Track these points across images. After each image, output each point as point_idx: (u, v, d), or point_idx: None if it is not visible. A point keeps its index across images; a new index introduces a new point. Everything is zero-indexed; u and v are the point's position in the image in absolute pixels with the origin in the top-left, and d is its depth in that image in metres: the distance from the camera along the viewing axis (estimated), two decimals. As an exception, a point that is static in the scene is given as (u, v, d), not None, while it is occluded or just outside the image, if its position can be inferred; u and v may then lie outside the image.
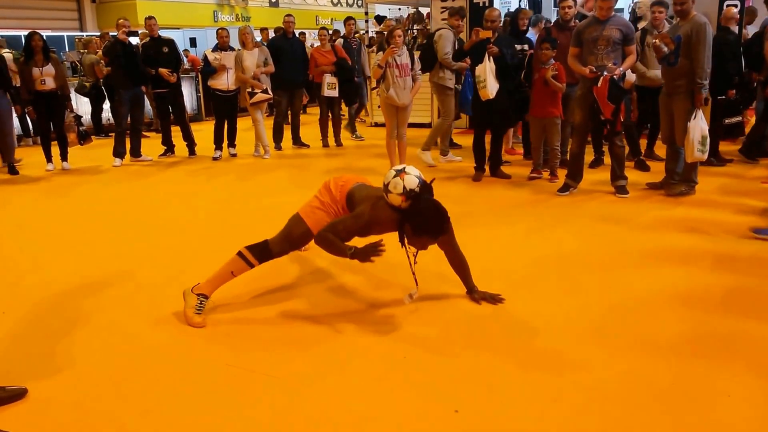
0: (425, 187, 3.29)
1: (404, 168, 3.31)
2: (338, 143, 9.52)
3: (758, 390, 2.66)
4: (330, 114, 9.42)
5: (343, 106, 9.74)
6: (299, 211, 3.61)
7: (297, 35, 9.68)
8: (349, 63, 9.56)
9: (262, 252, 3.52)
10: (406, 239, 3.31)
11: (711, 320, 3.32)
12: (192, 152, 9.00)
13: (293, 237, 3.55)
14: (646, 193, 6.01)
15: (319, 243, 3.37)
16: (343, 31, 10.90)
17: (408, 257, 3.43)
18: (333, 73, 9.06)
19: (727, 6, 7.40)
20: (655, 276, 3.96)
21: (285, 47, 8.97)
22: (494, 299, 3.62)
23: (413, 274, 3.48)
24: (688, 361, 2.91)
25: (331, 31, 11.76)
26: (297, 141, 9.51)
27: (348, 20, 9.93)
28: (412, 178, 3.25)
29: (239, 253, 3.52)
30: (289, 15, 9.19)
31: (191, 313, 3.43)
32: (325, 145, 9.45)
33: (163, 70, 8.42)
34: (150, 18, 8.68)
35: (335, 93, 9.12)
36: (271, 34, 12.32)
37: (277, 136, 9.35)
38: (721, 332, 3.18)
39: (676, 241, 4.60)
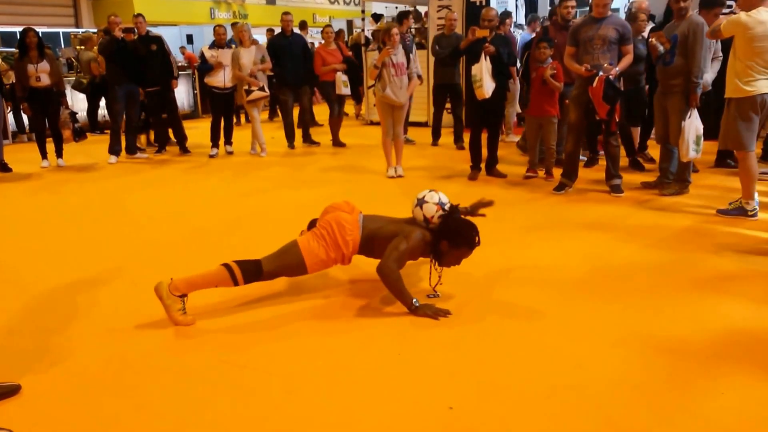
0: (454, 207, 3.58)
1: (433, 189, 3.68)
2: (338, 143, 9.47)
3: (752, 388, 2.66)
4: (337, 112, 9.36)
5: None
6: (298, 241, 3.52)
7: (296, 32, 9.57)
8: (357, 62, 9.54)
9: (254, 274, 3.42)
10: (438, 257, 3.54)
11: (705, 318, 3.33)
12: (183, 148, 8.97)
13: (285, 266, 3.49)
14: (640, 192, 6.03)
15: (384, 279, 3.42)
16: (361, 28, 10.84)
17: (431, 273, 3.66)
18: (344, 71, 9.02)
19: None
20: (648, 274, 3.97)
21: (284, 46, 8.88)
22: (486, 205, 3.91)
23: (433, 288, 3.70)
24: (682, 358, 2.91)
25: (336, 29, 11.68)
26: (307, 138, 9.42)
27: (405, 16, 9.48)
28: (443, 195, 3.62)
29: (228, 267, 3.38)
30: (287, 13, 9.10)
31: (178, 316, 3.34)
32: (336, 143, 9.37)
33: (175, 83, 8.68)
34: (137, 16, 8.70)
35: (348, 91, 9.10)
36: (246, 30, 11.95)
37: (290, 136, 9.25)
38: (716, 330, 3.19)
39: (669, 240, 4.61)
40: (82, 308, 3.66)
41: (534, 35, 9.19)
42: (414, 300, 3.42)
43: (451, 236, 3.45)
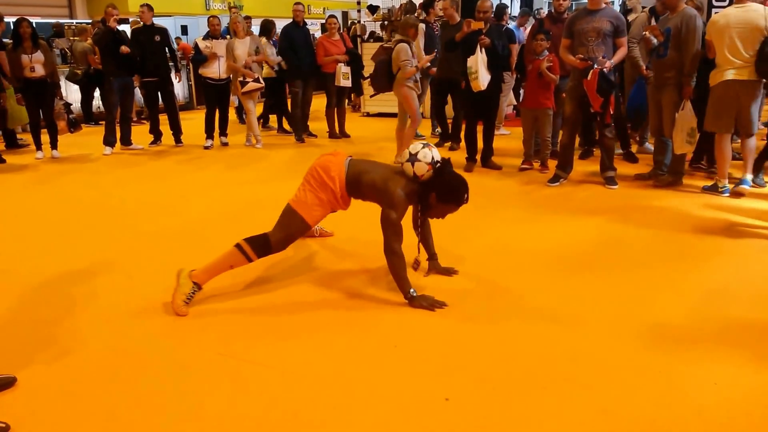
0: (447, 161, 3.52)
1: (428, 143, 3.57)
2: (344, 134, 9.38)
3: (745, 378, 2.70)
4: (337, 104, 9.27)
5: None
6: (290, 202, 3.61)
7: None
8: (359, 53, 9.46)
9: (263, 247, 3.52)
10: (425, 208, 3.55)
11: (701, 308, 3.36)
12: (178, 141, 8.95)
13: (290, 230, 3.57)
14: (634, 184, 6.06)
15: (389, 261, 3.47)
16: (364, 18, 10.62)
17: (417, 230, 3.73)
18: (347, 62, 8.95)
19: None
20: (643, 266, 4.00)
21: (298, 36, 8.75)
22: (449, 272, 3.90)
23: (419, 245, 3.79)
24: (676, 348, 2.94)
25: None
26: (305, 130, 9.33)
27: (431, 5, 9.11)
28: (437, 152, 3.54)
29: (238, 246, 3.51)
30: (298, 3, 8.97)
31: (180, 300, 3.42)
32: (333, 135, 9.32)
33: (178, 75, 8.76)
34: (143, 6, 8.64)
35: (349, 83, 9.02)
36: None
37: (297, 128, 9.13)
38: (711, 320, 3.22)
39: (663, 232, 4.64)
40: (79, 300, 3.67)
41: (522, 30, 9.18)
42: (412, 290, 3.45)
43: (441, 191, 3.44)
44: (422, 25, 8.55)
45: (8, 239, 4.90)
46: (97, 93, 10.92)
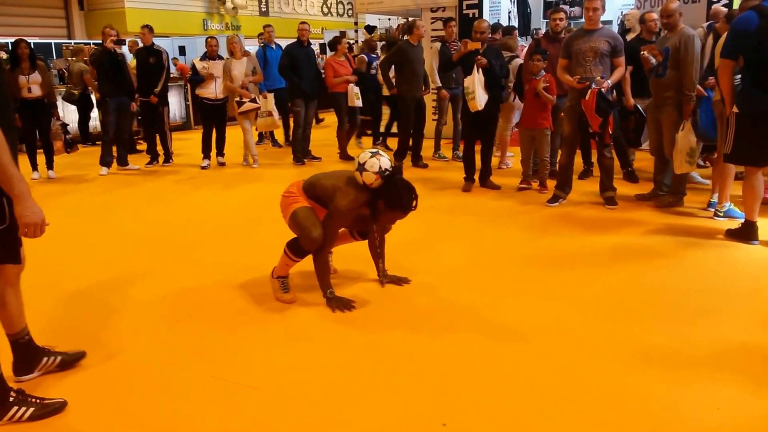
0: (396, 169, 3.64)
1: (378, 151, 3.65)
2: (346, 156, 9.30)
3: (748, 404, 2.64)
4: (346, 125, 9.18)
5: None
6: (287, 220, 3.78)
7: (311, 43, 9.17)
8: (367, 74, 9.48)
9: (297, 249, 3.72)
10: (374, 214, 3.67)
11: (702, 332, 3.31)
12: (167, 160, 8.94)
13: (302, 228, 3.65)
14: (634, 204, 6.02)
15: (316, 263, 3.73)
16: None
17: (374, 240, 3.97)
18: (356, 83, 8.89)
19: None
20: (645, 287, 3.95)
21: (301, 56, 8.63)
22: (400, 281, 4.03)
23: (378, 258, 3.95)
24: (678, 373, 2.89)
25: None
26: (307, 153, 9.08)
27: (449, 22, 8.78)
28: (385, 160, 3.61)
29: (284, 249, 3.76)
30: (304, 23, 8.86)
31: (279, 294, 3.79)
32: (344, 156, 9.10)
33: (153, 99, 8.64)
34: (143, 27, 8.68)
35: (360, 103, 8.96)
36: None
37: (298, 149, 8.90)
38: (713, 344, 3.17)
39: (664, 252, 4.60)
40: (70, 323, 3.62)
41: None
42: (329, 291, 3.71)
43: (388, 198, 3.55)
44: (437, 44, 8.53)
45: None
46: (94, 113, 10.91)
